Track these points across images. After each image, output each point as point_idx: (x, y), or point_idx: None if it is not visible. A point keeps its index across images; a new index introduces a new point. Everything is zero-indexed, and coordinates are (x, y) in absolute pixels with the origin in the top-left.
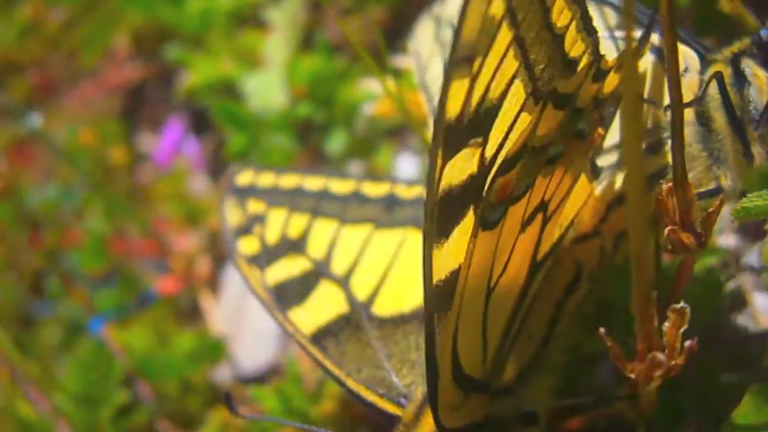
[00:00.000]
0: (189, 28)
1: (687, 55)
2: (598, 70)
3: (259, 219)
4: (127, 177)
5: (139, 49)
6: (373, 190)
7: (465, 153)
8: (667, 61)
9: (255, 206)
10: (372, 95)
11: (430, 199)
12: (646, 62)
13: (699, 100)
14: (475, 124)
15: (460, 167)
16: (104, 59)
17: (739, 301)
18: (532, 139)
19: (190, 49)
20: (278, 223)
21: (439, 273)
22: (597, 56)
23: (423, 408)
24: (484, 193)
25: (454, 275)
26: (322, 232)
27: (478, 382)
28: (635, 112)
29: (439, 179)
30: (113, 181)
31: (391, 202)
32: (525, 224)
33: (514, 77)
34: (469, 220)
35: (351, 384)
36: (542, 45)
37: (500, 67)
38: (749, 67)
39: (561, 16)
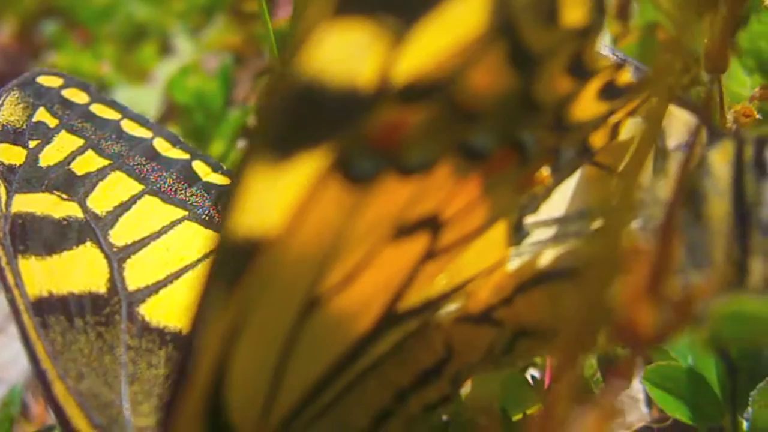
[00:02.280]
0: (83, 18)
1: (687, 122)
2: (579, 63)
3: (43, 134)
4: None
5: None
6: (219, 180)
7: (365, 32)
8: None
9: (45, 118)
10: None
11: (280, 80)
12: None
13: (698, 175)
14: None
15: (346, 52)
16: None
17: None
18: (460, 74)
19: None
20: (65, 150)
21: (251, 215)
22: (589, 39)
23: None
24: (364, 122)
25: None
26: (118, 189)
27: None
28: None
29: (305, 44)
30: None
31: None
32: (400, 232)
33: None
34: (326, 157)
35: (58, 388)
36: None
37: None
38: None
39: None
